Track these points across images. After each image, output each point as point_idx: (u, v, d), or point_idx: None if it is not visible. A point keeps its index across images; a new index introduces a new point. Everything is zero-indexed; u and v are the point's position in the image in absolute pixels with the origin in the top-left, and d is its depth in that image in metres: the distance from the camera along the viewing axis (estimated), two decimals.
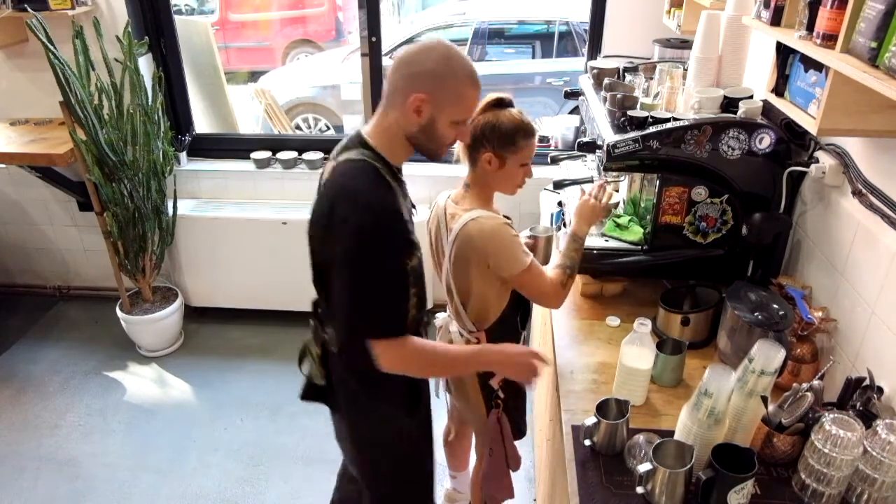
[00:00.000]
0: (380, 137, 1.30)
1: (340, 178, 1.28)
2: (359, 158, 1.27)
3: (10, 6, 2.73)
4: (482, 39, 5.95)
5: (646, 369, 1.44)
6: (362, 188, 1.24)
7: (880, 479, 1.14)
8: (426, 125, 1.26)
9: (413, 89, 1.22)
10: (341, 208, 1.23)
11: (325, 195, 1.31)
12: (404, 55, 1.25)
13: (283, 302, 3.27)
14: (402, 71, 1.24)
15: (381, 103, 1.30)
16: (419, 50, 1.25)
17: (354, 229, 1.21)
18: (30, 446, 2.64)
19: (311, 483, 2.47)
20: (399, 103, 1.25)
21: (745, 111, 1.62)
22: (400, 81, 1.24)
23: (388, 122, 1.29)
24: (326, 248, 1.29)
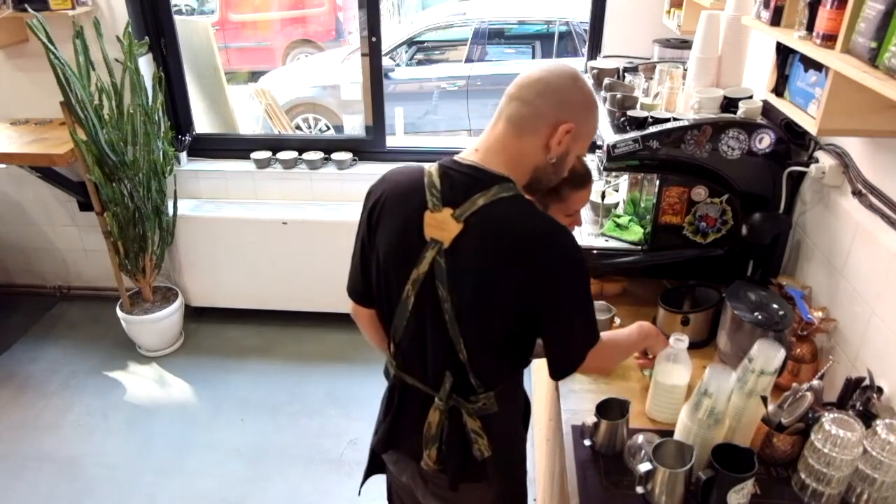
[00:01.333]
0: (509, 165, 1.15)
1: (512, 221, 1.11)
2: (513, 195, 1.12)
3: (10, 6, 2.73)
4: (482, 39, 5.95)
5: (682, 386, 1.40)
6: (547, 227, 1.12)
7: (880, 479, 1.14)
8: (560, 157, 1.17)
9: (563, 118, 1.13)
10: (537, 254, 1.09)
11: (491, 245, 1.11)
12: (550, 79, 1.13)
13: (283, 302, 3.27)
14: (551, 97, 1.12)
15: (503, 128, 1.15)
16: (564, 75, 1.14)
17: (568, 267, 1.12)
18: (30, 446, 2.64)
19: (311, 483, 2.47)
20: (542, 130, 1.13)
21: (744, 111, 1.61)
22: (547, 108, 1.12)
23: (521, 148, 1.15)
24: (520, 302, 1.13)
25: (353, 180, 3.12)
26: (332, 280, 3.17)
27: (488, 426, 1.26)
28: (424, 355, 1.23)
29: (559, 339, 1.19)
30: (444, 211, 1.12)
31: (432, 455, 1.27)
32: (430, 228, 1.13)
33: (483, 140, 1.18)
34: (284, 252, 3.10)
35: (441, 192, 1.13)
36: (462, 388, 1.23)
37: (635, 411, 1.40)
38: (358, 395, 2.87)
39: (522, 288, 1.11)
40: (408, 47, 6.14)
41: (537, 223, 1.12)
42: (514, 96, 1.14)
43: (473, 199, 1.11)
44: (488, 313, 1.15)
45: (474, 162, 1.15)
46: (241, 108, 4.60)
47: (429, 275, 1.14)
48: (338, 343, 3.19)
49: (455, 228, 1.11)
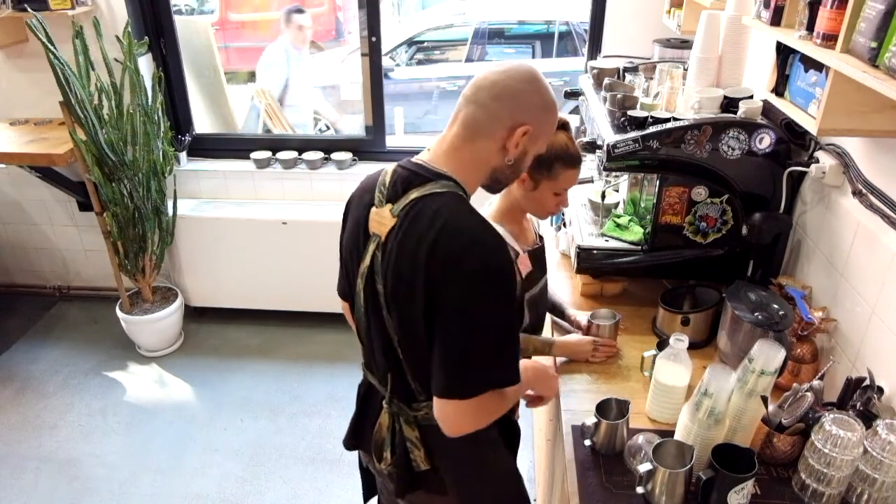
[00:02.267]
0: (459, 167, 1.13)
1: (437, 215, 1.07)
2: (448, 192, 1.10)
3: (10, 6, 2.73)
4: (482, 39, 5.95)
5: (682, 387, 1.40)
6: (472, 224, 1.08)
7: (880, 479, 1.14)
8: (518, 158, 1.15)
9: (519, 120, 1.11)
10: (452, 249, 1.04)
11: (414, 237, 1.07)
12: (506, 82, 1.11)
13: (283, 302, 3.27)
14: (507, 100, 1.10)
15: (456, 131, 1.13)
16: (520, 77, 1.11)
17: (481, 272, 1.04)
18: (30, 446, 2.64)
19: (311, 483, 2.47)
20: (497, 133, 1.11)
21: (745, 111, 1.61)
22: (502, 110, 1.10)
23: (474, 151, 1.13)
24: (429, 296, 1.06)
25: (353, 180, 3.08)
26: (333, 280, 3.15)
27: (427, 438, 1.22)
28: (374, 352, 1.23)
29: (448, 351, 1.06)
30: (386, 206, 1.14)
31: (386, 458, 1.26)
32: (372, 223, 1.16)
33: (437, 142, 1.17)
34: (284, 252, 3.10)
35: (386, 189, 1.16)
36: (404, 394, 1.20)
37: (635, 411, 1.40)
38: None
39: (431, 284, 1.05)
40: (408, 47, 6.14)
41: (462, 219, 1.07)
42: (470, 99, 1.12)
43: (408, 194, 1.12)
44: (408, 310, 1.10)
45: (422, 161, 1.16)
46: (240, 108, 4.59)
47: (370, 268, 1.16)
48: (338, 343, 3.19)
49: (390, 222, 1.12)
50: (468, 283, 1.04)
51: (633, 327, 1.75)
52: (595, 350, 1.61)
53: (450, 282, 1.04)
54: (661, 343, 1.52)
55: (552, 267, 2.07)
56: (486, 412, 1.13)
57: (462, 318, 1.05)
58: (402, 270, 1.09)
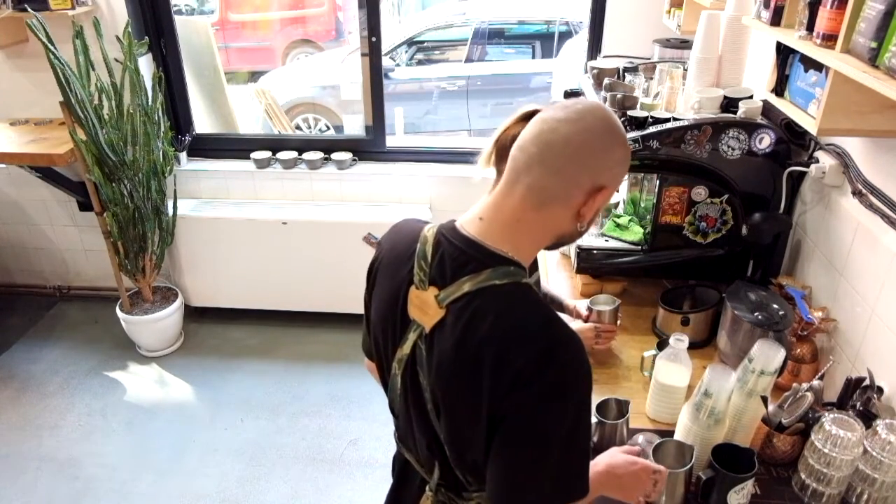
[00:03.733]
0: (521, 239, 0.95)
1: (500, 317, 0.90)
2: (508, 283, 0.92)
3: (10, 6, 2.73)
4: (482, 39, 5.95)
5: (682, 387, 1.40)
6: (541, 324, 0.90)
7: (880, 479, 1.14)
8: (591, 221, 0.98)
9: (599, 183, 0.93)
10: (525, 361, 0.87)
11: (472, 342, 0.90)
12: (583, 137, 0.91)
13: (283, 302, 3.27)
14: (587, 161, 0.92)
15: (520, 198, 0.93)
16: (598, 130, 0.93)
17: (559, 387, 0.88)
18: (30, 446, 2.64)
19: (311, 483, 2.47)
20: (574, 200, 0.93)
21: (745, 111, 1.62)
22: (582, 174, 0.92)
23: (542, 220, 0.94)
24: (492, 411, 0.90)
25: (353, 180, 3.12)
26: (333, 280, 3.18)
27: None
28: (415, 439, 1.09)
29: (507, 475, 0.92)
30: (430, 290, 0.95)
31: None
32: (413, 308, 0.97)
33: (491, 207, 0.96)
34: (284, 252, 3.10)
35: (429, 267, 0.96)
36: (452, 483, 1.06)
37: (635, 411, 1.40)
38: (358, 395, 2.87)
39: (496, 398, 0.89)
40: (408, 47, 6.14)
41: (530, 322, 0.90)
42: (538, 160, 0.91)
43: (460, 283, 0.92)
44: (463, 416, 0.95)
45: (473, 235, 0.95)
46: (241, 108, 4.59)
47: (411, 358, 1.00)
48: (338, 343, 3.19)
49: (436, 314, 0.94)
50: (547, 403, 0.88)
51: (633, 327, 1.75)
52: (597, 337, 1.59)
53: (519, 400, 0.88)
54: (661, 343, 1.52)
55: (552, 267, 2.07)
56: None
57: (535, 440, 0.90)
58: (458, 377, 0.93)
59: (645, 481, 1.12)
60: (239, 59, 8.00)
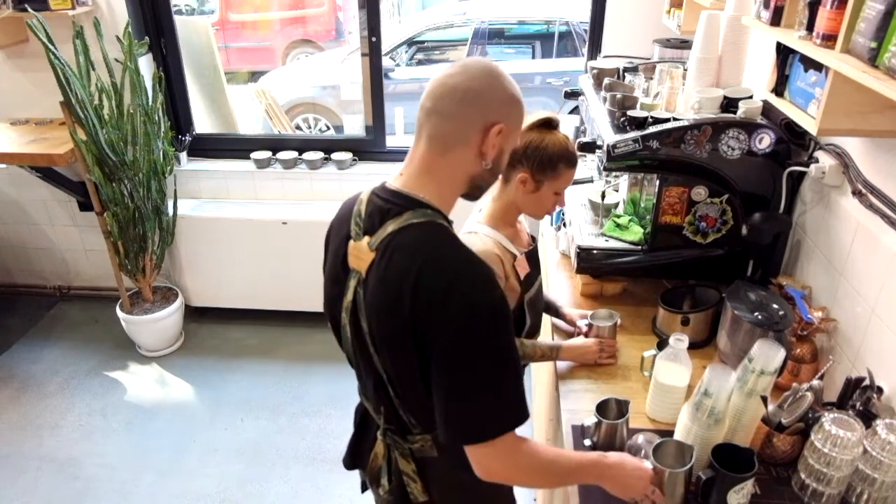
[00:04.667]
0: (435, 186, 1.07)
1: (417, 250, 1.01)
2: (426, 221, 1.03)
3: (10, 6, 2.73)
4: (482, 39, 5.95)
5: (682, 387, 1.40)
6: (454, 257, 1.02)
7: (880, 478, 1.14)
8: (495, 159, 1.08)
9: (491, 120, 1.04)
10: (435, 288, 0.97)
11: (395, 275, 1.01)
12: (468, 83, 1.03)
13: (283, 302, 3.27)
14: (473, 103, 1.03)
15: (424, 147, 1.06)
16: (479, 74, 1.04)
17: (465, 308, 0.97)
18: (30, 446, 2.64)
19: (311, 483, 2.47)
20: (471, 139, 1.04)
21: (744, 111, 1.62)
22: (472, 115, 1.03)
23: (449, 163, 1.06)
24: (417, 339, 1.01)
25: (353, 180, 3.12)
26: None
27: (425, 471, 1.17)
28: (365, 383, 1.19)
29: (448, 397, 1.01)
30: (363, 240, 1.07)
31: (384, 486, 1.21)
32: (351, 258, 1.09)
33: (407, 162, 1.10)
34: (284, 252, 3.10)
35: (363, 221, 1.09)
36: (398, 426, 1.16)
37: (635, 411, 1.41)
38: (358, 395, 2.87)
39: (417, 326, 0.99)
40: (408, 47, 6.14)
41: (443, 252, 1.02)
42: (431, 110, 1.04)
43: (385, 226, 1.04)
44: (395, 348, 1.05)
45: (397, 187, 1.08)
46: (241, 108, 4.59)
47: (353, 304, 1.10)
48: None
49: (368, 257, 1.05)
50: (456, 324, 0.98)
51: (633, 327, 1.75)
52: (601, 352, 1.61)
53: (437, 324, 0.98)
54: (661, 343, 1.52)
55: (552, 267, 2.07)
56: (516, 462, 1.05)
57: (454, 361, 0.99)
58: (385, 310, 1.03)
59: (643, 487, 1.16)
60: (239, 59, 8.00)
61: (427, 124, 1.05)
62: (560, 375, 1.58)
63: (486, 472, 1.05)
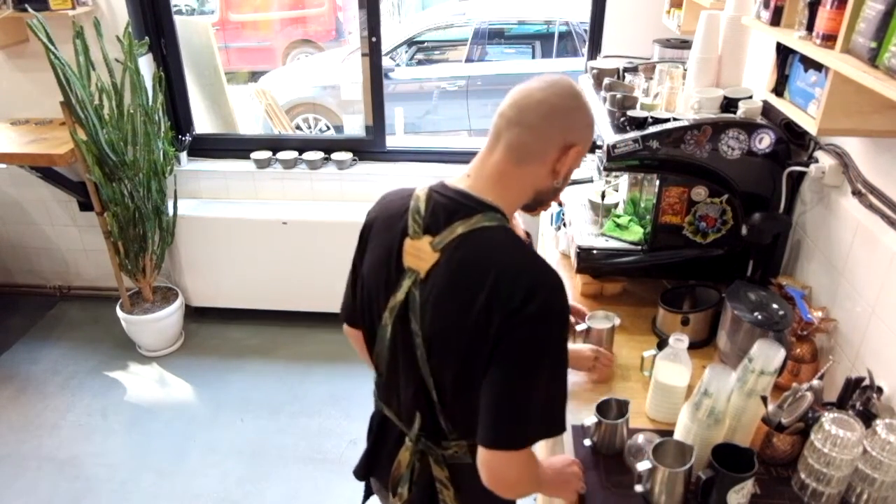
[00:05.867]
0: (504, 193, 1.06)
1: (491, 256, 1.01)
2: (497, 226, 1.03)
3: (10, 6, 2.73)
4: (482, 39, 5.95)
5: (682, 387, 1.39)
6: (530, 263, 1.02)
7: (880, 478, 1.14)
8: (566, 178, 1.10)
9: (570, 141, 1.05)
10: (515, 295, 0.97)
11: (465, 280, 1.01)
12: (554, 101, 1.04)
13: (283, 302, 3.27)
14: (557, 121, 1.04)
15: (502, 155, 1.05)
16: (566, 94, 1.05)
17: (538, 315, 0.98)
18: (30, 446, 2.64)
19: (311, 483, 2.47)
20: (549, 156, 1.05)
21: (744, 111, 1.62)
22: (553, 131, 1.04)
23: (522, 175, 1.06)
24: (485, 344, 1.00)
25: (353, 180, 3.12)
26: (332, 280, 3.17)
27: (458, 478, 1.16)
28: (399, 389, 1.16)
29: (501, 398, 1.00)
30: (424, 238, 1.05)
31: (402, 496, 1.19)
32: (408, 256, 1.07)
33: (477, 166, 1.09)
34: (284, 252, 3.10)
35: (423, 218, 1.07)
36: (433, 432, 1.14)
37: (635, 411, 1.40)
38: (358, 395, 2.88)
39: (491, 329, 0.98)
40: (408, 47, 6.14)
41: (521, 259, 1.02)
42: (514, 121, 1.04)
43: (453, 227, 1.03)
44: (458, 354, 1.04)
45: (463, 188, 1.07)
46: (241, 108, 4.60)
47: (404, 305, 1.08)
48: (338, 343, 3.19)
49: (431, 258, 1.04)
50: (531, 329, 0.98)
51: (632, 327, 1.75)
52: (596, 360, 1.57)
53: (513, 328, 0.98)
54: (661, 343, 1.52)
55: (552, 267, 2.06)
56: (530, 472, 1.07)
57: (520, 364, 0.99)
58: (449, 314, 1.03)
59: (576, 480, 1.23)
60: (239, 59, 8.00)
61: (507, 133, 1.05)
62: None
63: (501, 480, 1.04)
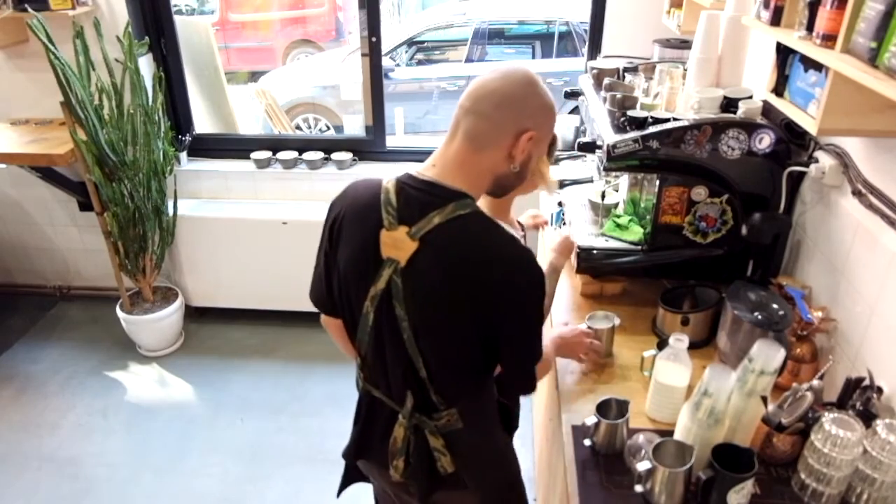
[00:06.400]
0: (468, 180, 1.13)
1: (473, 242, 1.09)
2: (471, 212, 1.10)
3: (10, 6, 2.73)
4: (482, 39, 5.95)
5: (682, 387, 1.40)
6: (506, 243, 1.11)
7: (880, 479, 1.14)
8: (523, 163, 1.16)
9: (524, 127, 1.11)
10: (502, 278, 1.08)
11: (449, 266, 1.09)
12: (507, 88, 1.11)
13: (283, 302, 3.27)
14: (510, 108, 1.10)
15: (460, 143, 1.12)
16: (519, 82, 1.12)
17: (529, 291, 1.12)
18: (30, 446, 2.64)
19: (311, 483, 2.47)
20: (503, 142, 1.11)
21: (744, 111, 1.62)
22: (507, 119, 1.10)
23: (480, 162, 1.13)
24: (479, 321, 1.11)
25: (353, 180, 3.11)
26: None
27: (452, 443, 1.25)
28: (386, 371, 1.23)
29: (517, 361, 1.20)
30: (400, 229, 1.10)
31: (399, 467, 1.27)
32: (385, 247, 1.12)
33: (440, 155, 1.15)
34: (284, 252, 3.10)
35: (397, 210, 1.12)
36: (424, 406, 1.22)
37: (635, 411, 1.40)
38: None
39: (481, 308, 1.10)
40: (408, 47, 6.15)
41: (498, 242, 1.10)
42: (470, 110, 1.11)
43: (429, 217, 1.09)
44: (446, 333, 1.13)
45: (431, 178, 1.13)
46: (241, 108, 4.59)
47: (386, 293, 1.13)
48: None
49: (410, 247, 1.09)
50: (524, 301, 1.12)
51: (632, 327, 1.75)
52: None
53: (507, 304, 1.10)
54: (661, 343, 1.52)
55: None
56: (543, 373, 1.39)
57: (525, 329, 1.16)
58: (437, 298, 1.10)
59: (584, 342, 1.54)
60: (239, 59, 8.00)
61: (464, 122, 1.12)
62: (560, 375, 1.58)
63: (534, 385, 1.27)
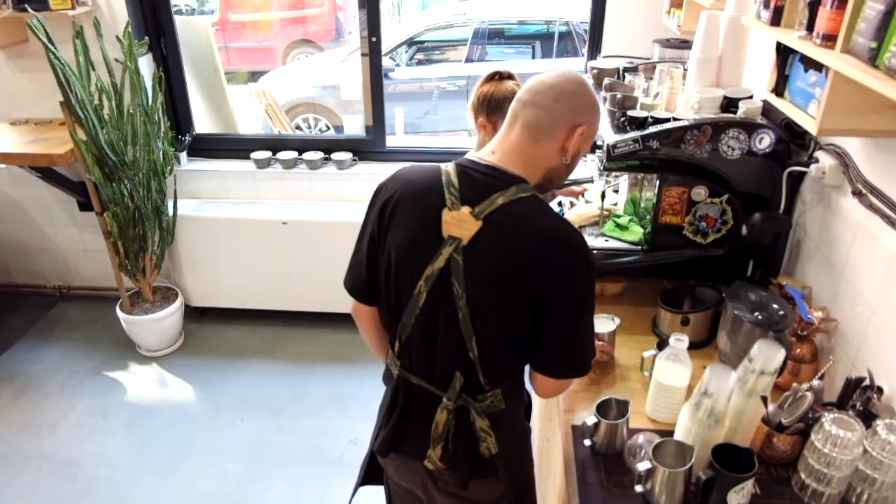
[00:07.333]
0: (525, 168, 1.20)
1: (534, 223, 1.15)
2: (531, 195, 1.17)
3: (10, 6, 2.73)
4: (482, 39, 5.95)
5: (682, 387, 1.39)
6: (565, 228, 1.18)
7: (880, 479, 1.14)
8: (574, 156, 1.23)
9: (578, 121, 1.19)
10: (561, 259, 1.14)
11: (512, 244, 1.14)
12: (564, 85, 1.19)
13: (283, 302, 3.27)
14: (566, 102, 1.18)
15: (519, 132, 1.19)
16: (574, 81, 1.20)
17: (584, 271, 1.17)
18: (30, 446, 2.64)
19: (311, 483, 2.47)
20: (559, 134, 1.19)
21: (744, 111, 1.61)
22: (563, 112, 1.18)
23: (538, 151, 1.20)
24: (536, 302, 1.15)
25: (353, 180, 3.12)
26: (332, 280, 3.16)
27: (496, 424, 1.27)
28: (433, 354, 1.24)
29: (570, 341, 1.22)
30: (463, 209, 1.15)
31: (437, 453, 1.27)
32: (448, 226, 1.16)
33: (499, 143, 1.22)
34: (284, 252, 3.10)
35: (459, 191, 1.17)
36: (471, 387, 1.24)
37: (635, 411, 1.40)
38: (358, 395, 2.87)
39: (539, 287, 1.14)
40: (408, 47, 6.15)
41: (557, 225, 1.17)
42: (530, 102, 1.19)
43: (493, 198, 1.15)
44: (503, 311, 1.17)
45: (492, 163, 1.20)
46: (241, 108, 4.59)
47: (444, 271, 1.16)
48: (338, 343, 3.19)
49: (474, 226, 1.14)
50: (581, 281, 1.17)
51: (632, 327, 1.75)
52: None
53: (563, 287, 1.15)
54: (661, 343, 1.52)
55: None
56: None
57: (579, 311, 1.20)
58: (497, 276, 1.15)
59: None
60: (239, 59, 8.00)
61: (524, 114, 1.19)
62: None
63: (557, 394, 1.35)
